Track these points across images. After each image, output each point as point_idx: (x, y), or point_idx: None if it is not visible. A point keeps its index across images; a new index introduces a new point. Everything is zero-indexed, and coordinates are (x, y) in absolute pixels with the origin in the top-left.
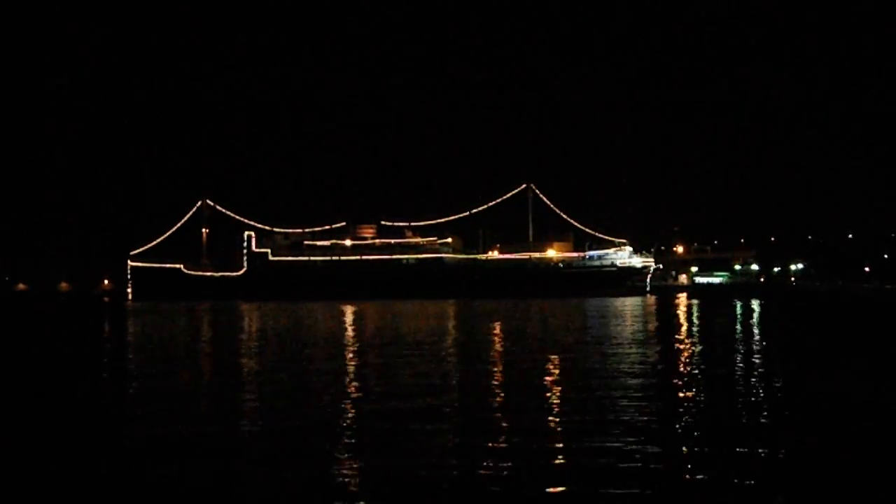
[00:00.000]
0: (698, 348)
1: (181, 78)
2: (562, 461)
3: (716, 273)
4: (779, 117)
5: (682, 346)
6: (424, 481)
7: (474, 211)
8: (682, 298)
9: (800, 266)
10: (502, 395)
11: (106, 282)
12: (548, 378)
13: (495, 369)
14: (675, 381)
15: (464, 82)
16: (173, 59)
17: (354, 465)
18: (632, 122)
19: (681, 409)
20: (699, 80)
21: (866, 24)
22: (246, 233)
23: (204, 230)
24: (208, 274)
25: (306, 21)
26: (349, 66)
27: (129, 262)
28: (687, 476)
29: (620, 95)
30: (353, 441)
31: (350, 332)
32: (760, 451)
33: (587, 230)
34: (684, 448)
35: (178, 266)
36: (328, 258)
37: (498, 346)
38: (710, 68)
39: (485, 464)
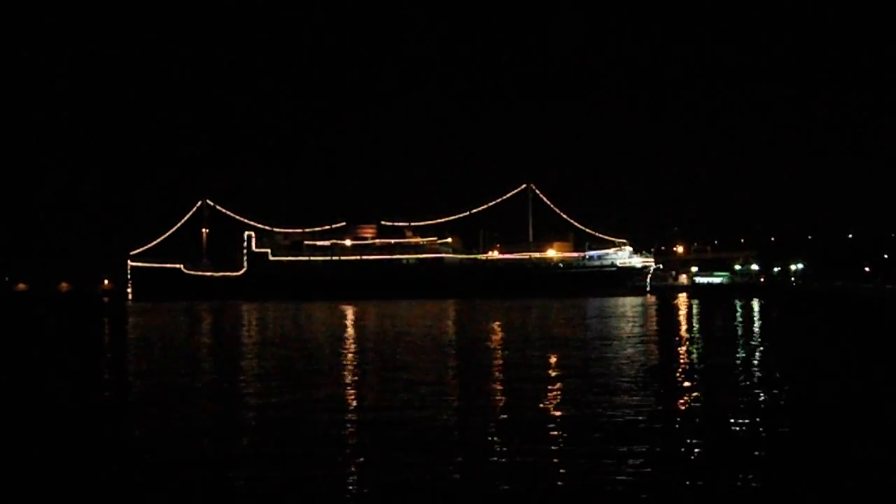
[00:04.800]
0: (696, 347)
1: (181, 77)
2: (559, 457)
3: (716, 273)
4: (779, 117)
5: (680, 346)
6: (424, 480)
7: (474, 211)
8: (682, 298)
9: (800, 266)
10: (501, 393)
11: (106, 282)
12: (546, 376)
13: (494, 369)
14: (674, 381)
15: (464, 82)
16: (173, 59)
17: (355, 464)
18: (632, 121)
19: (679, 410)
20: (699, 80)
21: (867, 24)
22: (246, 233)
23: (204, 230)
24: (208, 274)
25: (307, 20)
26: (349, 66)
27: (129, 262)
28: (686, 476)
29: (620, 95)
30: (354, 440)
31: (350, 333)
32: (758, 450)
33: (587, 230)
34: (683, 448)
35: (178, 266)
36: (328, 258)
37: (497, 346)
38: (710, 68)
39: (486, 461)
